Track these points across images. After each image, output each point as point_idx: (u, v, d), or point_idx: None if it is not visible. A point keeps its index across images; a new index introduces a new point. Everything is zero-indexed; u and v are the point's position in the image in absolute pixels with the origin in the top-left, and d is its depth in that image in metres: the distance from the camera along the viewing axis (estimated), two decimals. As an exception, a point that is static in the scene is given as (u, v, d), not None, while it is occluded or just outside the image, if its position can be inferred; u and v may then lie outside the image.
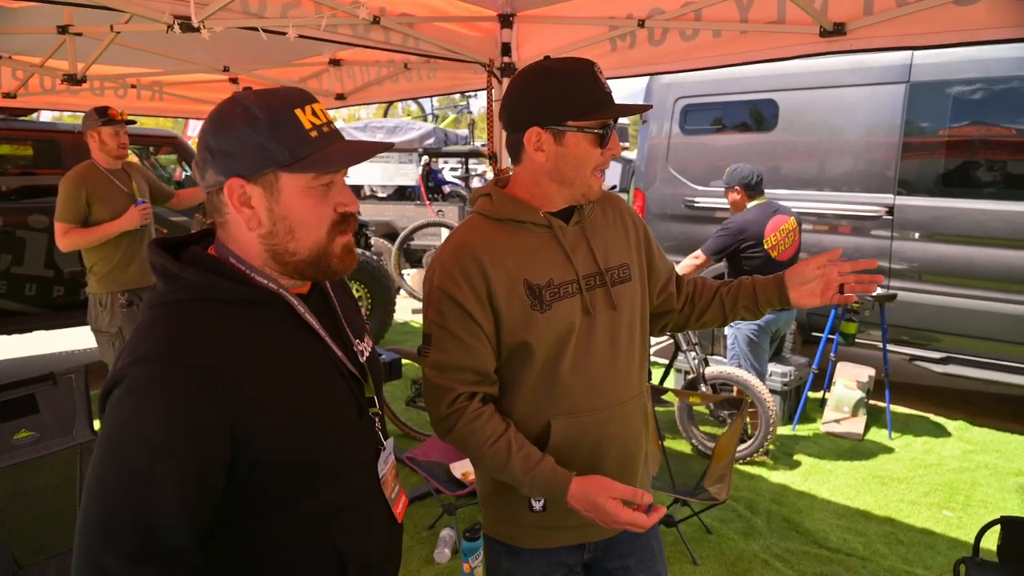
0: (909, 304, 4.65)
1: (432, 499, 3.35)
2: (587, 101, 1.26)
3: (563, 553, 1.46)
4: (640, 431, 1.44)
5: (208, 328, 0.92)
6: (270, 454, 0.93)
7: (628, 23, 2.82)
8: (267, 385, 0.93)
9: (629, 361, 1.41)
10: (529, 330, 1.30)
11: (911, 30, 2.21)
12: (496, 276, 1.29)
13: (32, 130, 5.18)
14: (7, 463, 1.97)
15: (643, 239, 1.50)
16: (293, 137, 0.93)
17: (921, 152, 4.66)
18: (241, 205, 0.96)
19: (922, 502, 3.53)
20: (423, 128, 10.01)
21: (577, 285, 1.34)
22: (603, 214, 1.45)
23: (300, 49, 3.87)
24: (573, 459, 1.36)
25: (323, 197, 0.97)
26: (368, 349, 1.16)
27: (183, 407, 0.87)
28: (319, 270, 1.01)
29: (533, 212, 1.34)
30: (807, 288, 1.48)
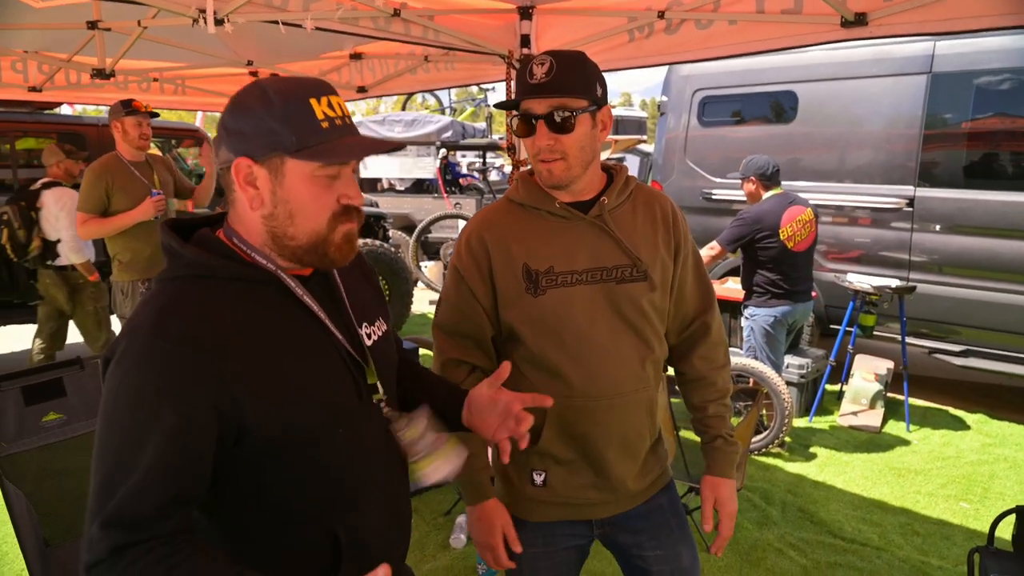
0: (929, 296, 4.60)
1: (448, 485, 3.39)
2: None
3: (568, 527, 1.49)
4: (643, 424, 1.45)
5: (197, 302, 0.95)
6: (257, 429, 0.94)
7: (648, 14, 2.82)
8: (254, 361, 0.94)
9: (630, 357, 1.40)
10: (520, 311, 1.39)
11: (933, 16, 2.19)
12: (496, 255, 1.39)
13: (58, 123, 5.29)
14: (36, 444, 2.03)
15: (681, 251, 1.45)
16: (304, 125, 0.95)
17: (943, 143, 4.61)
18: (246, 184, 0.98)
19: (939, 494, 3.52)
20: (441, 121, 10.04)
21: (577, 276, 1.36)
22: (633, 211, 1.43)
23: (322, 43, 3.91)
24: (569, 443, 1.42)
25: (327, 187, 0.98)
26: (378, 333, 1.16)
27: (164, 377, 0.89)
28: (316, 257, 1.01)
29: (549, 201, 1.39)
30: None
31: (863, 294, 4.42)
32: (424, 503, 3.31)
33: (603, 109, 1.37)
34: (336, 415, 1.03)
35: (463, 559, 2.87)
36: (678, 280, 1.45)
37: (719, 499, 1.49)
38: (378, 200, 8.68)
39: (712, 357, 1.51)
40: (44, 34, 3.44)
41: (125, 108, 3.51)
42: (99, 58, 3.00)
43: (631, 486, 1.46)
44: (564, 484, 1.46)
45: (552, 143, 1.32)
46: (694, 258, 1.49)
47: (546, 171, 1.35)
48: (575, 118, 1.30)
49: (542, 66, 1.30)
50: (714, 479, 1.50)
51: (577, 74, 1.31)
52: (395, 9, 2.60)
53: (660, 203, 1.45)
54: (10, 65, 4.20)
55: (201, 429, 0.90)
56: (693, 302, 1.49)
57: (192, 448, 0.90)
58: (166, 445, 0.88)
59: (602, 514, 1.49)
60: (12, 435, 2.04)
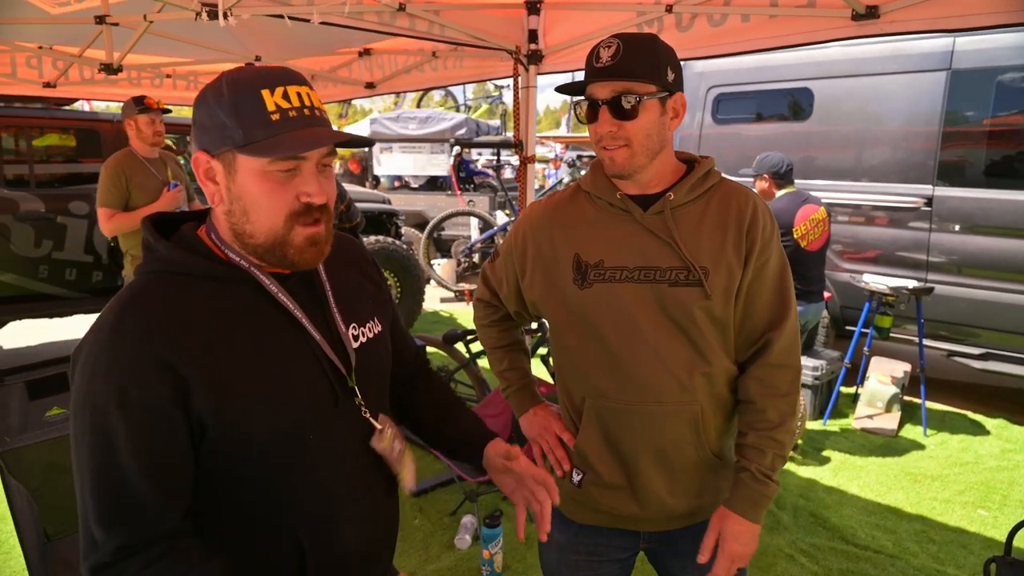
0: (947, 298, 4.51)
1: (454, 485, 3.37)
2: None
3: (615, 536, 1.44)
4: (685, 439, 1.33)
5: (161, 299, 0.93)
6: (214, 430, 0.92)
7: (656, 8, 2.78)
8: (215, 361, 0.91)
9: (676, 365, 1.29)
10: (564, 302, 1.35)
11: (949, 12, 2.13)
12: (536, 242, 1.39)
13: (72, 119, 5.34)
14: (40, 439, 2.03)
15: (755, 258, 1.29)
16: (250, 118, 0.90)
17: (963, 142, 4.51)
18: (206, 179, 0.96)
19: (956, 500, 3.44)
20: (455, 118, 10.04)
21: (627, 273, 1.29)
22: (705, 210, 1.31)
23: (331, 39, 3.91)
24: (604, 446, 1.37)
25: (282, 183, 0.93)
26: (369, 335, 1.12)
27: (125, 373, 0.87)
28: (276, 258, 0.97)
29: (612, 191, 1.33)
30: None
31: (879, 295, 4.34)
32: (429, 503, 3.29)
33: (675, 96, 1.28)
34: (305, 420, 0.99)
35: (468, 560, 2.85)
36: (747, 290, 1.30)
37: (723, 534, 1.32)
38: (391, 197, 8.69)
39: (769, 381, 1.32)
40: (56, 29, 3.47)
41: (138, 106, 3.53)
42: (107, 53, 3.01)
43: (669, 503, 1.37)
44: (598, 489, 1.40)
45: (615, 130, 1.24)
46: (775, 268, 1.33)
47: (608, 159, 1.28)
48: (640, 104, 1.23)
49: (608, 49, 1.24)
50: (725, 511, 1.33)
51: (645, 57, 1.23)
52: (400, 4, 2.58)
53: (739, 203, 1.31)
54: (25, 61, 4.25)
55: (169, 421, 0.89)
56: (763, 316, 1.33)
57: (166, 440, 0.89)
58: (140, 441, 0.87)
59: (646, 528, 1.42)
60: (16, 429, 2.04)
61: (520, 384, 1.57)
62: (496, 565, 2.71)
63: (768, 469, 1.31)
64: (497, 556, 2.72)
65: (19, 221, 4.78)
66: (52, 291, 5.01)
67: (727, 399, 1.37)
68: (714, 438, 1.36)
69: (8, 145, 4.93)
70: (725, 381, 1.35)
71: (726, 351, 1.33)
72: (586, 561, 1.47)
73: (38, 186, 4.94)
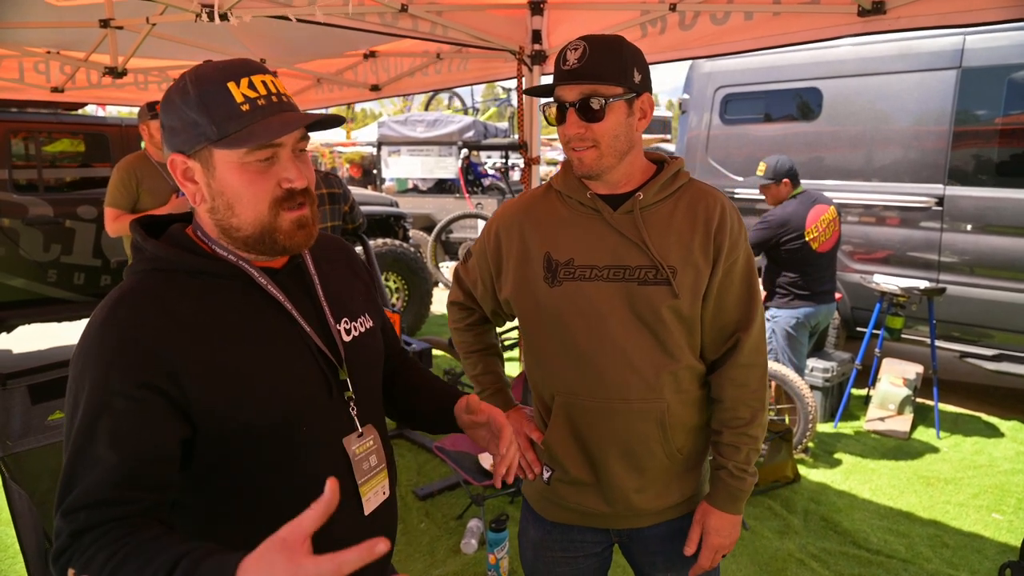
0: (960, 299, 4.45)
1: (460, 490, 3.35)
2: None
3: (588, 533, 1.46)
4: (652, 438, 1.35)
5: (152, 293, 0.94)
6: (206, 421, 0.92)
7: (660, 7, 2.76)
8: (207, 354, 0.92)
9: (643, 363, 1.31)
10: (535, 299, 1.36)
11: (957, 7, 2.09)
12: (518, 243, 1.39)
13: (80, 123, 5.38)
14: (41, 443, 2.03)
15: (723, 258, 1.31)
16: (221, 111, 0.91)
17: (974, 140, 4.45)
18: (185, 180, 0.96)
19: (970, 504, 3.38)
20: (463, 121, 10.03)
21: (597, 271, 1.31)
22: (673, 209, 1.33)
23: (336, 42, 3.91)
24: (572, 443, 1.39)
25: (262, 173, 0.94)
26: (360, 330, 1.12)
27: (113, 365, 0.88)
28: (267, 246, 0.98)
29: (582, 191, 1.35)
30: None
31: (890, 296, 4.28)
32: (436, 507, 3.27)
33: (642, 97, 1.30)
34: (298, 411, 0.99)
35: (474, 564, 2.83)
36: (716, 289, 1.32)
37: (706, 527, 1.39)
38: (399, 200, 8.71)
39: (740, 380, 1.36)
40: (63, 33, 3.49)
41: (151, 111, 3.56)
42: (111, 56, 3.02)
43: (635, 501, 1.39)
44: (566, 486, 1.43)
45: (582, 131, 1.26)
46: (742, 268, 1.35)
47: (577, 160, 1.30)
48: (607, 105, 1.24)
49: (575, 51, 1.25)
50: (707, 507, 1.40)
51: (612, 59, 1.25)
52: (403, 4, 2.57)
53: (707, 203, 1.33)
54: (32, 66, 4.28)
55: (153, 413, 0.89)
56: (733, 316, 1.35)
57: (146, 432, 0.89)
58: (119, 430, 0.87)
59: (614, 525, 1.44)
60: (17, 433, 2.04)
61: (494, 388, 1.59)
62: (502, 569, 2.69)
63: (744, 463, 1.37)
64: (503, 560, 2.70)
65: (28, 225, 4.82)
66: (61, 295, 5.04)
67: (693, 397, 1.39)
68: (680, 436, 1.38)
69: (18, 150, 4.97)
70: (691, 378, 1.37)
71: (692, 350, 1.36)
72: (562, 557, 1.49)
73: (47, 191, 4.97)
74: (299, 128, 0.93)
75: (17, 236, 4.77)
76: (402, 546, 2.95)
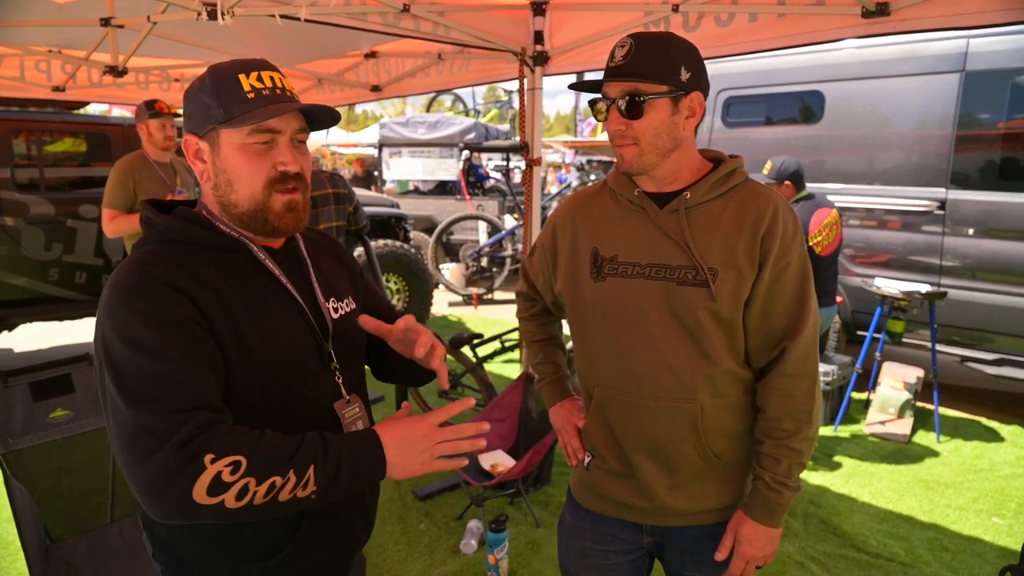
0: (961, 303, 4.44)
1: (460, 490, 3.35)
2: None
3: (619, 528, 1.46)
4: (684, 439, 1.33)
5: (172, 257, 1.02)
6: (236, 369, 1.00)
7: (663, 8, 2.76)
8: (227, 309, 1.01)
9: (679, 364, 1.30)
10: (579, 292, 1.39)
11: (961, 9, 2.09)
12: (570, 237, 1.43)
13: (82, 123, 5.38)
14: (43, 440, 2.04)
15: (770, 263, 1.27)
16: (230, 97, 1.02)
17: (977, 144, 4.45)
18: (195, 159, 1.07)
19: (970, 508, 3.37)
20: (464, 123, 10.03)
21: (639, 269, 1.31)
22: (722, 210, 1.30)
23: (337, 42, 3.91)
24: (608, 432, 1.42)
25: (260, 154, 1.04)
26: (345, 309, 1.21)
27: (156, 302, 0.95)
28: (259, 224, 1.07)
29: (630, 188, 1.36)
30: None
31: (891, 299, 4.28)
32: (435, 507, 3.27)
33: (691, 95, 1.28)
34: (299, 375, 1.08)
35: (473, 565, 2.82)
36: (763, 295, 1.28)
37: (739, 536, 1.35)
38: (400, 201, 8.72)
39: (785, 390, 1.30)
40: (64, 32, 3.49)
41: (149, 110, 3.56)
42: (112, 55, 3.02)
43: (667, 500, 1.37)
44: (603, 474, 1.45)
45: (623, 128, 1.28)
46: (795, 274, 1.29)
47: (619, 156, 1.32)
48: (646, 103, 1.24)
49: (622, 48, 1.27)
50: (742, 515, 1.36)
51: (656, 57, 1.24)
52: (405, 4, 2.57)
53: (758, 206, 1.28)
54: (33, 65, 4.28)
55: (205, 337, 0.97)
56: (780, 323, 1.30)
57: (209, 350, 0.97)
58: (187, 346, 0.94)
59: (648, 520, 1.43)
60: (19, 431, 2.04)
61: (552, 378, 1.63)
62: (502, 570, 2.68)
63: (783, 477, 1.31)
64: (503, 561, 2.69)
65: (30, 224, 4.81)
66: (62, 294, 5.04)
67: (734, 402, 1.35)
68: (716, 439, 1.35)
69: (20, 149, 4.97)
70: (731, 383, 1.33)
71: (733, 354, 1.32)
72: (592, 548, 1.50)
73: (48, 190, 4.97)
74: (292, 111, 1.03)
75: (19, 235, 4.77)
76: (402, 546, 2.94)
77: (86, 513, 2.13)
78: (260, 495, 0.89)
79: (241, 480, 0.87)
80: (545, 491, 3.41)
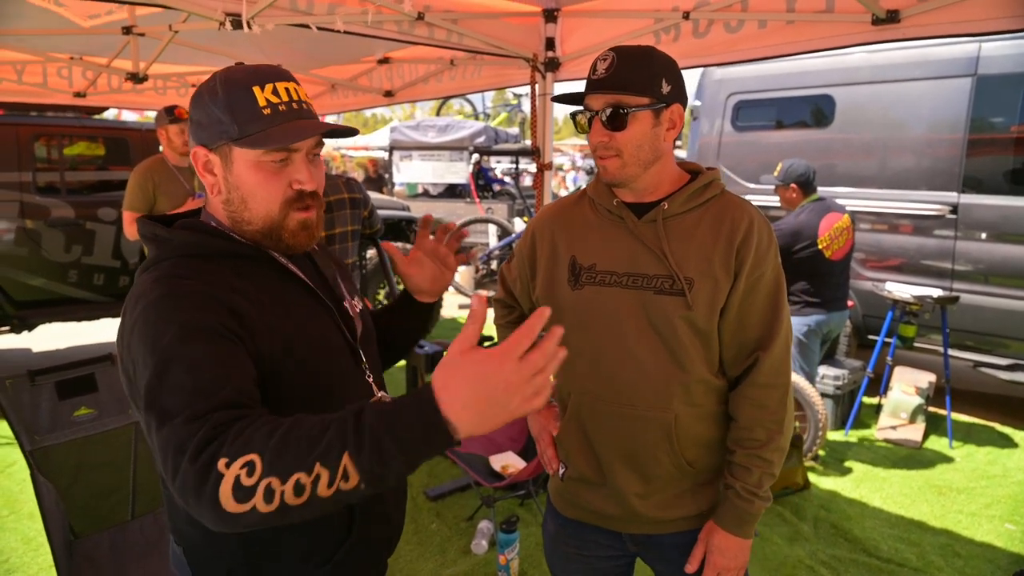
0: (974, 307, 4.43)
1: (471, 491, 3.38)
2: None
3: (601, 535, 1.47)
4: (659, 447, 1.34)
5: (194, 268, 0.98)
6: (273, 363, 0.96)
7: (673, 15, 2.79)
8: (261, 315, 0.97)
9: (654, 373, 1.32)
10: (559, 301, 1.39)
11: (972, 16, 2.10)
12: (547, 245, 1.45)
13: (102, 127, 5.47)
14: (68, 438, 2.08)
15: (745, 273, 1.29)
16: (244, 113, 0.97)
17: (989, 148, 4.44)
18: (205, 171, 1.03)
19: (983, 514, 3.37)
20: (474, 126, 10.07)
21: (616, 278, 1.33)
22: (699, 221, 1.32)
23: (351, 48, 3.97)
24: (582, 440, 1.42)
25: (276, 173, 1.00)
26: (358, 307, 1.20)
27: (191, 309, 0.91)
28: (272, 242, 1.04)
29: (610, 198, 1.38)
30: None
31: (903, 304, 4.27)
32: (447, 507, 3.30)
33: (672, 107, 1.31)
34: (341, 376, 1.07)
35: (484, 565, 2.85)
36: (737, 305, 1.30)
37: (710, 547, 1.36)
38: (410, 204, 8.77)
39: (757, 400, 1.32)
40: (86, 40, 3.57)
41: (169, 116, 3.63)
42: (133, 62, 3.09)
43: (639, 507, 1.38)
44: (577, 484, 1.45)
45: (606, 140, 1.30)
46: (768, 285, 1.31)
47: (602, 167, 1.34)
48: (629, 116, 1.27)
49: (604, 62, 1.29)
50: (713, 525, 1.37)
51: (639, 70, 1.27)
52: (419, 13, 2.62)
53: (733, 217, 1.31)
54: (56, 72, 4.37)
55: (237, 345, 0.92)
56: (754, 333, 1.32)
57: (240, 358, 0.91)
58: (218, 353, 0.89)
59: (626, 528, 1.44)
60: (45, 428, 2.09)
61: None
62: (513, 570, 2.71)
63: (754, 487, 1.33)
64: (514, 561, 2.72)
65: (50, 227, 4.90)
66: (81, 295, 5.12)
67: (708, 411, 1.36)
68: (692, 449, 1.37)
69: (40, 153, 5.06)
70: (705, 393, 1.35)
71: (708, 364, 1.33)
72: (576, 554, 1.51)
73: (68, 193, 5.06)
74: (312, 136, 1.00)
75: (39, 237, 4.86)
76: (413, 546, 2.98)
77: (107, 510, 2.18)
78: (290, 495, 0.76)
79: (262, 481, 0.76)
80: (556, 493, 3.43)
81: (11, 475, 3.55)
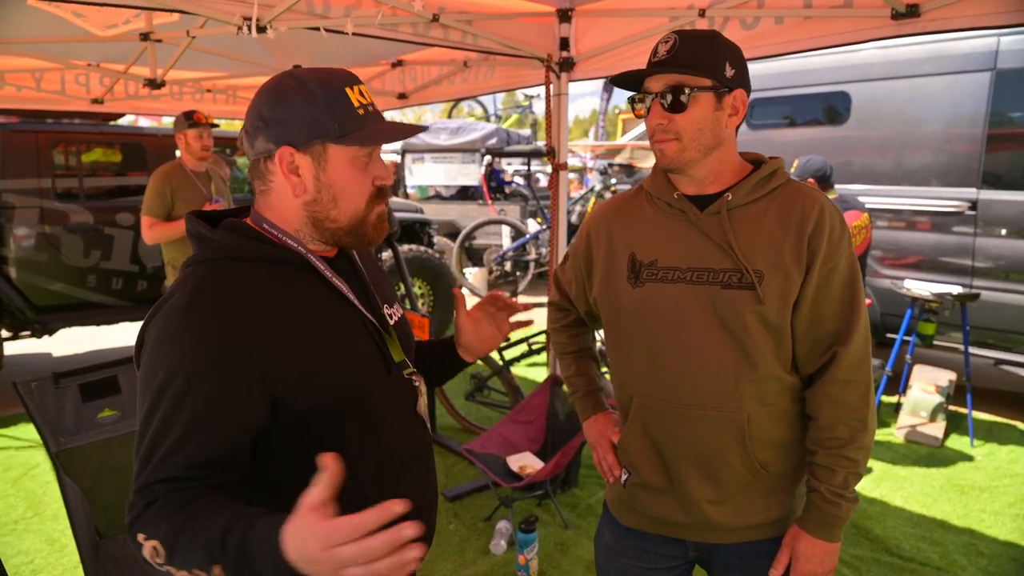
0: (994, 304, 4.38)
1: (489, 491, 3.38)
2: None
3: (662, 544, 1.41)
4: (730, 449, 1.27)
5: (229, 280, 0.99)
6: (289, 399, 0.98)
7: (689, 13, 2.78)
8: (285, 335, 0.98)
9: (722, 371, 1.25)
10: (618, 300, 1.35)
11: (993, 8, 2.08)
12: (605, 243, 1.39)
13: (119, 133, 5.53)
14: (92, 439, 2.10)
15: (818, 264, 1.22)
16: (344, 113, 1.00)
17: (1009, 143, 4.39)
18: (289, 172, 1.02)
19: (1006, 513, 3.32)
20: (486, 128, 10.09)
21: (680, 273, 1.27)
22: (765, 211, 1.26)
23: (365, 51, 3.99)
24: (648, 445, 1.35)
25: (364, 170, 1.04)
26: (397, 315, 1.21)
27: (200, 348, 0.94)
28: (355, 237, 1.07)
29: (670, 191, 1.32)
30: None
31: (922, 301, 4.23)
32: (465, 508, 3.30)
33: (735, 92, 1.25)
34: (368, 387, 1.08)
35: (503, 565, 2.85)
36: (811, 297, 1.23)
37: (796, 552, 1.28)
38: (424, 207, 8.81)
39: (836, 397, 1.25)
40: (104, 47, 3.61)
41: (187, 120, 3.67)
42: (151, 68, 3.12)
43: (712, 514, 1.32)
44: (642, 490, 1.39)
45: (665, 122, 1.23)
46: (843, 276, 1.25)
47: (659, 151, 1.26)
48: (690, 96, 1.20)
49: (666, 44, 1.23)
50: (798, 530, 1.29)
51: (702, 51, 1.21)
52: (434, 15, 2.62)
53: (802, 206, 1.24)
54: (74, 79, 4.42)
55: (237, 399, 0.95)
56: (830, 327, 1.24)
57: (228, 418, 0.94)
58: (201, 414, 0.93)
59: (691, 536, 1.38)
60: (70, 430, 2.12)
61: (585, 391, 1.57)
62: (531, 571, 2.71)
63: (840, 488, 1.25)
64: (532, 562, 2.72)
65: (69, 232, 4.96)
66: (99, 299, 5.17)
67: (782, 410, 1.30)
68: (765, 451, 1.30)
69: (59, 160, 5.12)
70: (778, 391, 1.28)
71: (780, 359, 1.27)
72: (634, 566, 1.44)
73: (87, 199, 5.12)
74: (409, 136, 1.07)
75: (59, 242, 4.92)
76: (431, 547, 2.98)
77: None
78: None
79: (165, 565, 0.89)
80: (572, 493, 3.43)
81: (34, 477, 3.59)
